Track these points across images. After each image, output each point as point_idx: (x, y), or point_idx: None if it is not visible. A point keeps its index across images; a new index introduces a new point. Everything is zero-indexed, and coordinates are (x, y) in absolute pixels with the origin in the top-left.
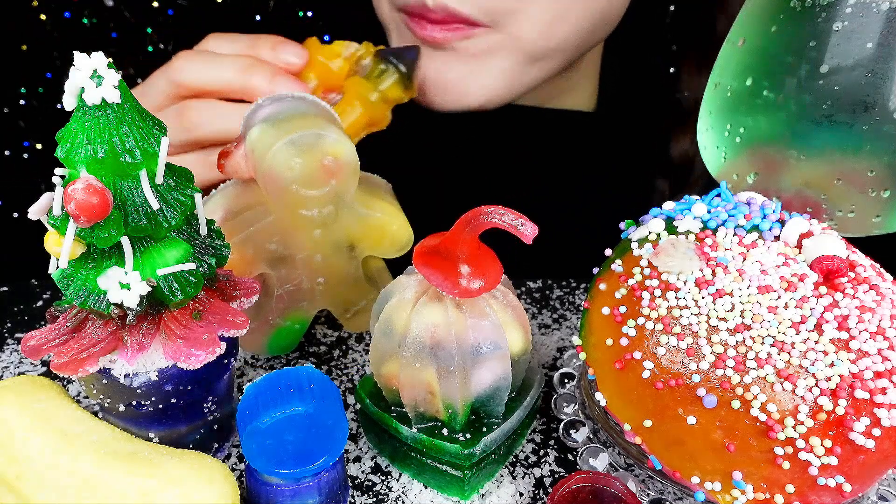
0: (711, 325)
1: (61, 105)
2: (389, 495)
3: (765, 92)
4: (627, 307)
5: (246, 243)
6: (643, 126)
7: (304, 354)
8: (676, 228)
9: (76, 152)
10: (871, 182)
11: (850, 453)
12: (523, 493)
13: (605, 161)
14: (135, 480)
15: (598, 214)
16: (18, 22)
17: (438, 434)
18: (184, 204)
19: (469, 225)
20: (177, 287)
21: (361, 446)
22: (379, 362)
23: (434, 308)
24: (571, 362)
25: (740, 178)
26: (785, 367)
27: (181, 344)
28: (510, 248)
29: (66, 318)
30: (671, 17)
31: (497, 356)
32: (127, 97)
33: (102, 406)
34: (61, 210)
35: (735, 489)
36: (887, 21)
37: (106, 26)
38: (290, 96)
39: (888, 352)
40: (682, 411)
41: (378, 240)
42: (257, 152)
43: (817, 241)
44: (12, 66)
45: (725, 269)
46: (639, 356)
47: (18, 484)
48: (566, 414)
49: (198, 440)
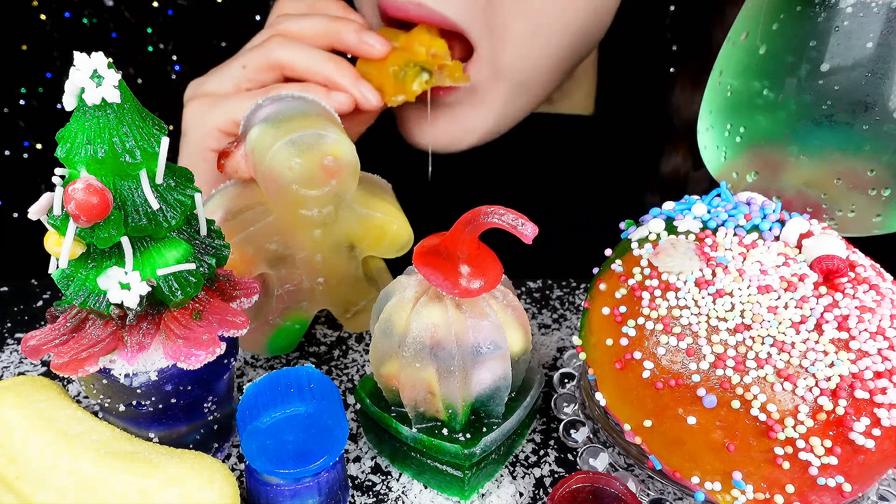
0: (711, 325)
1: (61, 105)
2: (389, 495)
3: (765, 91)
4: (627, 307)
5: (246, 243)
6: (641, 128)
7: (304, 354)
8: (676, 228)
9: (76, 152)
10: (872, 182)
11: (850, 453)
12: (523, 493)
13: (605, 162)
14: (134, 480)
15: (598, 214)
16: (18, 22)
17: (438, 434)
18: (184, 204)
19: (469, 225)
20: (177, 287)
21: (361, 446)
22: (379, 362)
23: (434, 308)
24: (571, 362)
25: (740, 178)
26: (785, 367)
27: (181, 344)
28: (510, 248)
29: (66, 318)
30: (671, 18)
31: (497, 356)
32: (127, 97)
33: (102, 406)
34: (61, 210)
35: (735, 489)
36: (887, 21)
37: (106, 26)
38: (290, 96)
39: (888, 352)
40: (682, 411)
41: (378, 240)
42: (257, 152)
43: (817, 241)
44: (12, 66)
45: (725, 269)
46: (639, 356)
47: (18, 484)
48: (566, 414)
49: (198, 440)
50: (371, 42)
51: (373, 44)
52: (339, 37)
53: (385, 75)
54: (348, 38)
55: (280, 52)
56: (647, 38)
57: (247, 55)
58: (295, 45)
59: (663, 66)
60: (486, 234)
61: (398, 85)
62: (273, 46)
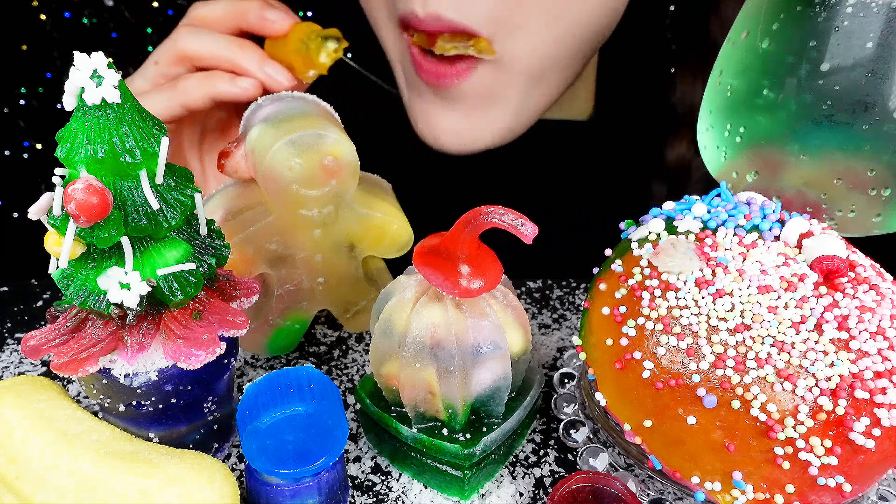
0: (711, 325)
1: (61, 105)
2: (389, 495)
3: (765, 91)
4: (627, 307)
5: (246, 243)
6: (640, 131)
7: (304, 354)
8: (676, 228)
9: (76, 152)
10: (872, 181)
11: (850, 453)
12: (523, 493)
13: (605, 162)
14: (134, 480)
15: (598, 214)
16: (18, 22)
17: (438, 434)
18: (184, 204)
19: (469, 225)
20: (177, 287)
21: (361, 446)
22: (379, 362)
23: (434, 308)
24: (571, 362)
25: (740, 178)
26: (785, 367)
27: (181, 344)
28: (510, 248)
29: (66, 318)
30: (671, 18)
31: (497, 356)
32: (127, 97)
33: (102, 406)
34: (61, 210)
35: (735, 489)
36: (887, 21)
37: (106, 26)
38: (290, 96)
39: (888, 352)
40: (682, 411)
41: (378, 240)
42: (257, 152)
43: (817, 241)
44: (12, 66)
45: (725, 269)
46: (639, 356)
47: (18, 484)
48: (566, 414)
49: (198, 440)
50: (272, 18)
51: (274, 19)
52: (243, 17)
53: (291, 52)
54: (250, 18)
55: (184, 43)
56: (646, 40)
57: (158, 50)
58: (199, 34)
59: (663, 67)
60: (486, 234)
61: (306, 59)
62: (178, 38)
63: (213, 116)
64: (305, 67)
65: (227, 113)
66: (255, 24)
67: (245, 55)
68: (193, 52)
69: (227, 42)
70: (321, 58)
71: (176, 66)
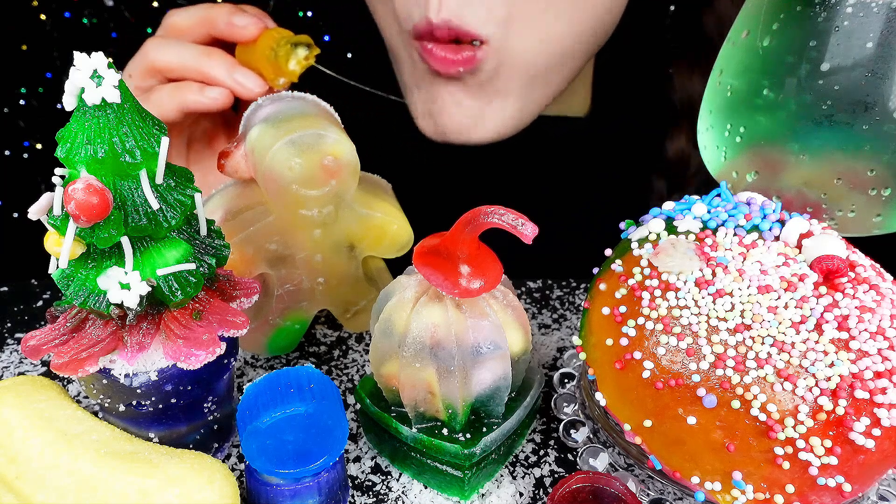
0: (711, 325)
1: (61, 105)
2: (389, 495)
3: (765, 91)
4: (627, 307)
5: (246, 243)
6: (638, 128)
7: (304, 354)
8: (676, 228)
9: (76, 152)
10: (872, 181)
11: (850, 453)
12: (523, 493)
13: (603, 159)
14: (134, 480)
15: (598, 214)
16: (18, 22)
17: (438, 434)
18: (184, 204)
19: (469, 225)
20: (177, 287)
21: (361, 446)
22: (379, 362)
23: (434, 308)
24: (571, 362)
25: (740, 178)
26: (785, 367)
27: (181, 344)
28: (510, 248)
29: (66, 318)
30: (671, 17)
31: (497, 356)
32: (127, 97)
33: (102, 406)
34: (61, 210)
35: (735, 489)
36: (887, 21)
37: (106, 26)
38: (290, 96)
39: (888, 352)
40: (682, 411)
41: (378, 240)
42: (257, 152)
43: (817, 241)
44: (12, 66)
45: (725, 269)
46: (639, 356)
47: (18, 484)
48: (566, 414)
49: (198, 440)
50: (240, 23)
51: (243, 24)
52: (213, 24)
53: (260, 59)
54: (219, 24)
55: (153, 54)
56: (641, 35)
57: (130, 63)
58: (167, 45)
59: (659, 62)
60: (486, 234)
61: (275, 67)
62: (147, 50)
63: (199, 126)
64: (275, 75)
65: (213, 122)
66: (225, 30)
67: (213, 63)
68: (163, 64)
69: (194, 51)
70: (290, 65)
71: (148, 78)
